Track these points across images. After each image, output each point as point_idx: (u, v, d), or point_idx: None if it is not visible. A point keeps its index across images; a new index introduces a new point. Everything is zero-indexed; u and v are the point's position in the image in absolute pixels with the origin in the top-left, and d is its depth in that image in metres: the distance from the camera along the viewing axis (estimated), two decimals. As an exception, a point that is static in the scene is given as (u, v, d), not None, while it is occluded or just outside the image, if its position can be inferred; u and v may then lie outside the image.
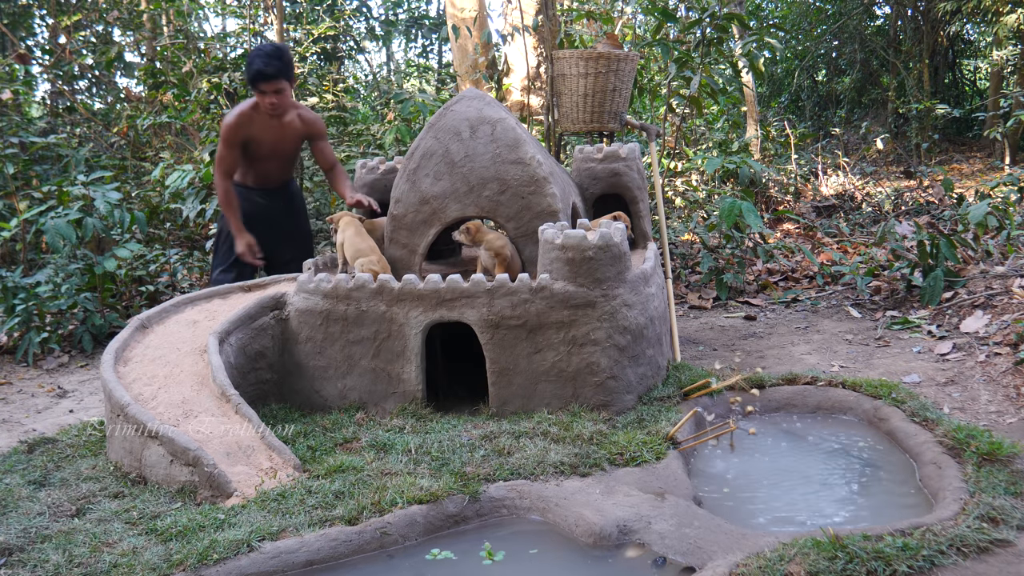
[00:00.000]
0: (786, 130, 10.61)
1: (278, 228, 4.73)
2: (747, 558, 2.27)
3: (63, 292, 5.54)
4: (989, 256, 5.73)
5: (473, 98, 4.11)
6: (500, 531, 2.73)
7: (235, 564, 2.42)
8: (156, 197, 7.30)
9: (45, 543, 2.59)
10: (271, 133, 4.49)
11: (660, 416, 3.43)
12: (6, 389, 4.89)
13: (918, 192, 9.20)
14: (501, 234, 3.97)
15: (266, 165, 4.61)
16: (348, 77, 11.31)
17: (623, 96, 4.84)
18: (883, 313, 5.30)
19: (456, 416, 3.59)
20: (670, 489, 2.81)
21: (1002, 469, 2.73)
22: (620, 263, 3.52)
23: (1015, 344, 4.15)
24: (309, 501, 2.76)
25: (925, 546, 2.27)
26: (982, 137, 11.62)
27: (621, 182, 4.49)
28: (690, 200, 8.22)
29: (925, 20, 12.32)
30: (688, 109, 7.12)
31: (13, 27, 9.35)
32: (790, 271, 6.63)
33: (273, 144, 4.52)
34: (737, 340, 5.05)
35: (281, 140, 4.53)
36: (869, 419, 3.46)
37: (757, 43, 6.41)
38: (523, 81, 7.59)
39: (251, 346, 3.75)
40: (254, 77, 4.29)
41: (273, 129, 4.48)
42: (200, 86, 7.66)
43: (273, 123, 4.46)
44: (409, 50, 17.27)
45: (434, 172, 3.94)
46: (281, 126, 4.49)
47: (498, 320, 3.52)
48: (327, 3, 11.05)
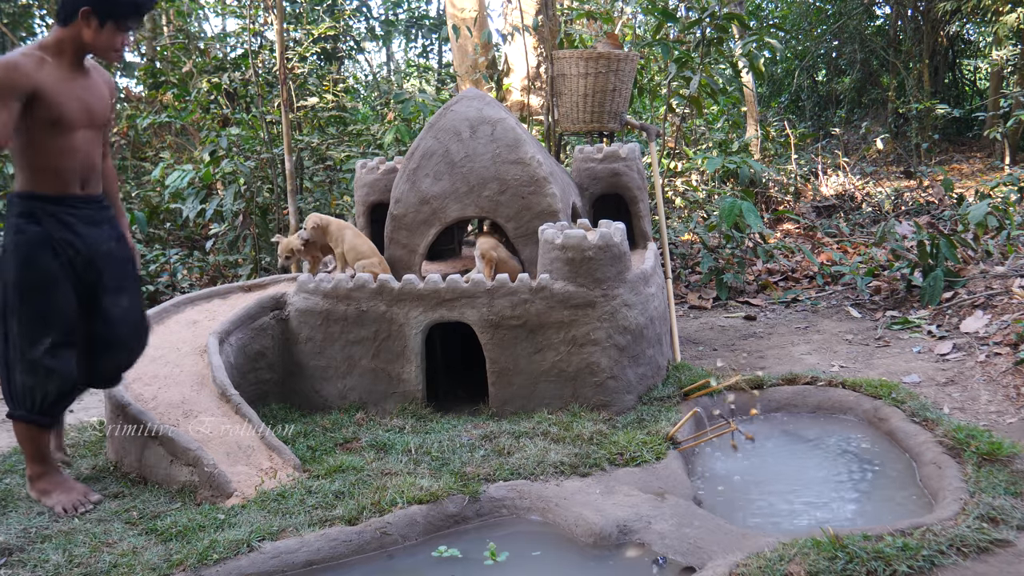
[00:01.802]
0: (786, 130, 10.61)
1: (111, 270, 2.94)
2: (747, 558, 2.27)
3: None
4: (989, 256, 5.73)
5: (473, 98, 4.11)
6: (500, 531, 2.73)
7: (235, 564, 2.42)
8: (156, 197, 7.31)
9: (45, 543, 2.59)
10: (79, 93, 2.77)
11: (660, 416, 3.43)
12: (6, 389, 4.88)
13: (918, 192, 9.20)
14: (493, 239, 3.97)
15: (78, 152, 2.80)
16: (348, 77, 11.31)
17: (623, 96, 4.84)
18: (883, 313, 5.30)
19: (456, 416, 3.59)
20: (670, 489, 2.81)
21: (1002, 469, 2.73)
22: (620, 263, 3.52)
23: (1015, 344, 4.15)
24: (309, 501, 2.76)
25: (925, 546, 2.27)
26: (982, 137, 11.62)
27: (621, 182, 4.49)
28: (690, 200, 8.22)
29: (925, 20, 12.32)
30: (688, 109, 7.12)
31: (13, 27, 9.35)
32: (790, 271, 6.62)
33: (85, 112, 2.79)
34: (737, 340, 5.05)
35: (93, 108, 2.82)
36: (869, 419, 3.46)
37: (757, 43, 6.41)
38: (523, 81, 7.59)
39: (251, 346, 3.76)
40: (139, 6, 2.78)
41: (81, 89, 2.78)
42: (200, 86, 7.66)
43: (80, 81, 2.78)
44: (409, 50, 17.28)
45: (434, 172, 3.94)
46: (91, 86, 2.84)
47: (498, 320, 3.52)
48: (327, 3, 11.05)
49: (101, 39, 2.74)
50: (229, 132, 6.74)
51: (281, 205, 7.00)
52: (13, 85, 2.59)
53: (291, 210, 6.01)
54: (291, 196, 6.00)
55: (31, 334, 2.75)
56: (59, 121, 2.71)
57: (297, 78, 7.81)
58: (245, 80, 7.74)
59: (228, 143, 6.54)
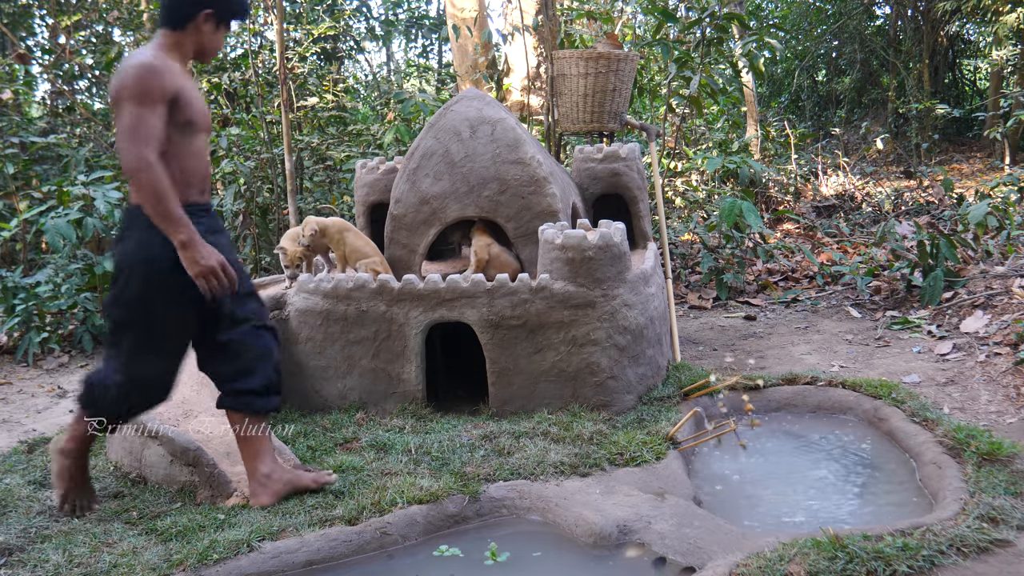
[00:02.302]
0: (786, 130, 10.61)
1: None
2: (747, 558, 2.27)
3: (63, 292, 5.54)
4: (989, 256, 5.73)
5: (473, 98, 4.11)
6: (500, 531, 2.73)
7: (235, 564, 2.42)
8: (156, 197, 7.28)
9: (45, 543, 2.59)
10: (199, 95, 2.82)
11: (660, 416, 3.43)
12: (6, 389, 4.89)
13: (918, 192, 9.20)
14: (486, 238, 3.97)
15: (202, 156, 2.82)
16: (348, 77, 11.31)
17: (623, 96, 4.84)
18: (883, 313, 5.30)
19: (456, 416, 3.59)
20: (670, 489, 2.81)
21: (1002, 469, 2.73)
22: (620, 263, 3.52)
23: (1015, 344, 4.15)
24: (309, 501, 2.76)
25: (925, 546, 2.27)
26: (982, 137, 11.61)
27: (621, 182, 4.49)
28: (690, 200, 8.22)
29: (925, 20, 12.31)
30: (688, 109, 7.12)
31: (13, 27, 9.34)
32: (790, 271, 6.62)
33: (205, 115, 2.81)
34: (737, 340, 5.05)
35: (207, 111, 2.85)
36: (869, 419, 3.46)
37: (757, 43, 6.41)
38: (523, 81, 7.59)
39: (251, 346, 3.75)
40: (241, 8, 2.85)
41: (198, 91, 2.84)
42: (200, 86, 7.66)
43: (192, 83, 2.81)
44: (409, 50, 17.27)
45: (434, 172, 3.94)
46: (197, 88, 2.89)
47: (498, 320, 3.52)
48: (327, 3, 11.05)
49: (216, 41, 2.79)
50: (229, 132, 6.74)
51: (281, 205, 7.00)
52: (162, 88, 2.56)
53: (291, 210, 6.01)
54: (291, 196, 6.00)
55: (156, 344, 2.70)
56: (190, 124, 2.67)
57: (297, 78, 7.81)
58: (245, 80, 7.74)
59: (228, 143, 6.54)
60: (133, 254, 2.65)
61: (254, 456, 2.82)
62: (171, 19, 2.71)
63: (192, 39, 2.73)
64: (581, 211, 4.38)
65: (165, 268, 2.63)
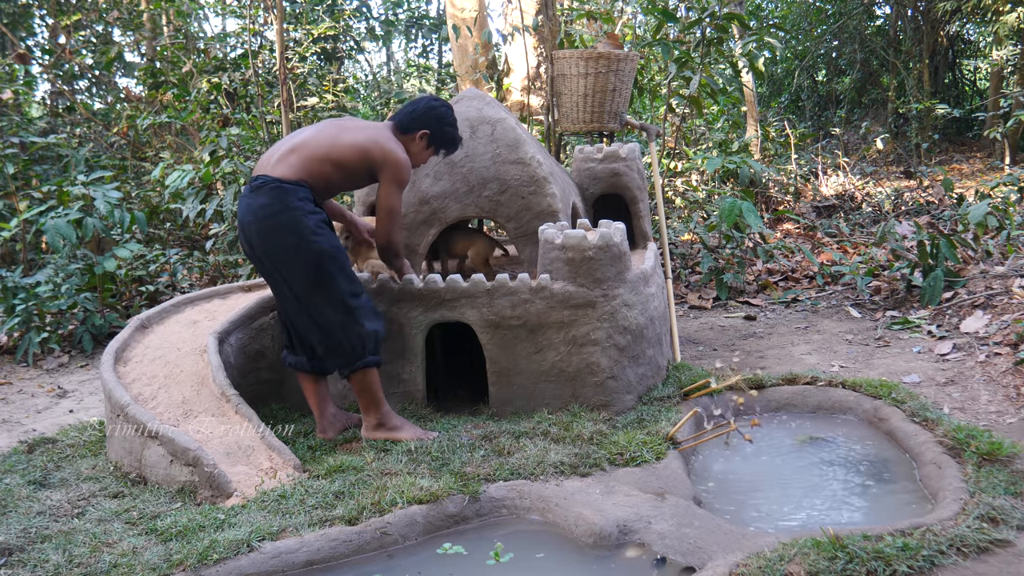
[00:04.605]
0: (786, 130, 10.61)
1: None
2: (747, 558, 2.27)
3: (63, 292, 5.54)
4: (989, 256, 5.73)
5: (473, 98, 4.11)
6: (500, 531, 2.73)
7: (235, 564, 2.42)
8: (156, 197, 7.30)
9: (45, 543, 2.59)
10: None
11: (660, 416, 3.43)
12: (6, 389, 4.89)
13: (918, 192, 9.20)
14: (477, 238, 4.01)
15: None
16: (348, 77, 11.32)
17: (623, 96, 4.84)
18: (883, 313, 5.30)
19: (456, 416, 3.59)
20: (670, 489, 2.81)
21: (1002, 469, 2.73)
22: (620, 263, 3.52)
23: (1015, 344, 4.15)
24: (309, 501, 2.76)
25: (925, 546, 2.27)
26: (982, 137, 11.61)
27: (621, 182, 4.49)
28: (690, 200, 8.22)
29: (925, 20, 12.32)
30: (688, 109, 7.12)
31: (13, 27, 9.34)
32: (790, 271, 6.62)
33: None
34: (737, 340, 5.05)
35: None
36: (869, 419, 3.46)
37: (757, 43, 6.41)
38: (523, 81, 7.59)
39: (251, 346, 3.76)
40: (457, 146, 3.65)
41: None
42: (200, 86, 7.66)
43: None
44: (409, 50, 17.26)
45: (434, 172, 3.94)
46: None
47: (498, 320, 3.52)
48: (327, 3, 11.05)
49: (423, 155, 3.54)
50: (229, 132, 6.74)
51: (281, 205, 6.97)
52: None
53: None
54: (291, 196, 5.98)
55: (353, 288, 3.26)
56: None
57: (297, 78, 7.81)
58: (245, 80, 7.75)
59: (228, 143, 6.54)
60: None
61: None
62: (401, 122, 3.46)
63: (407, 143, 3.44)
64: (581, 211, 4.38)
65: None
